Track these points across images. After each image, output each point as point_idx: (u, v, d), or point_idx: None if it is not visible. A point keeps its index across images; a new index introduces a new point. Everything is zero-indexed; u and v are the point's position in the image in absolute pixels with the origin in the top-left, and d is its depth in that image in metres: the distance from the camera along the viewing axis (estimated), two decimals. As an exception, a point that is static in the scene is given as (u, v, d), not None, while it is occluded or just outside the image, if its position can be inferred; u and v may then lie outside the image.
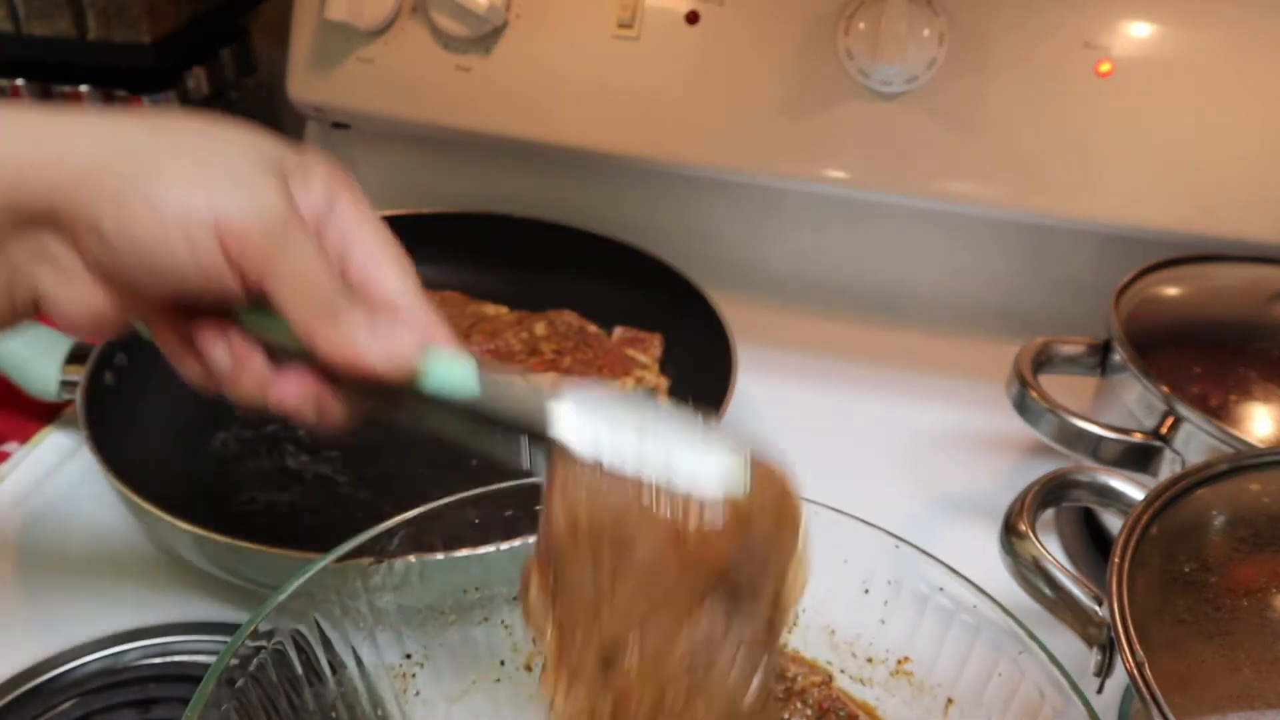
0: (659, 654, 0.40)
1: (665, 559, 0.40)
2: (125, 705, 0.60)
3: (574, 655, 0.42)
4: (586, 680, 0.41)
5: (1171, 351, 0.68)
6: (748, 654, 0.41)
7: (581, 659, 0.41)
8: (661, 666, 0.40)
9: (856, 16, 0.81)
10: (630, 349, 0.84)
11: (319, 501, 0.72)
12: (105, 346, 0.76)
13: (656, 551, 0.40)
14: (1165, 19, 0.79)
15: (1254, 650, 0.47)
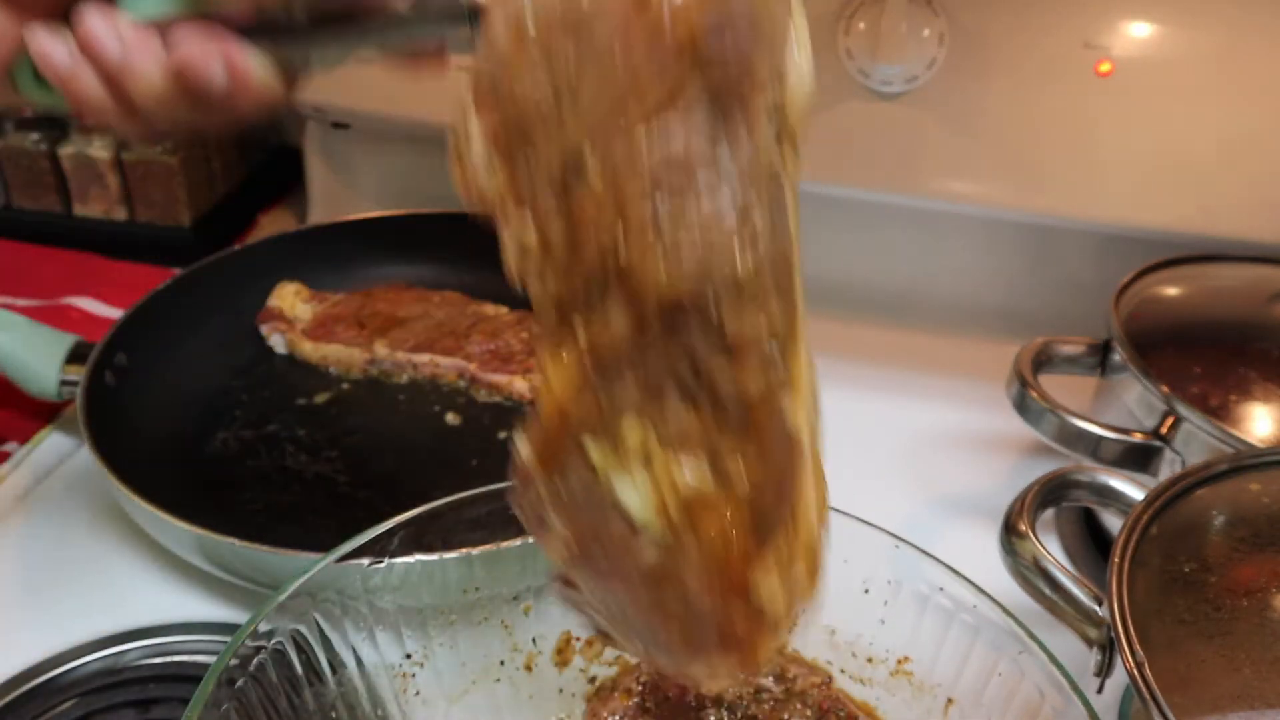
0: (626, 162, 0.33)
1: (627, 35, 0.33)
2: (125, 705, 0.60)
3: (526, 178, 0.36)
4: (541, 207, 0.35)
5: (1171, 351, 0.68)
6: (739, 186, 0.33)
7: (536, 180, 0.35)
8: (629, 179, 0.33)
9: (856, 16, 0.80)
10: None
11: (319, 501, 0.72)
12: (105, 347, 0.76)
13: (616, 27, 0.33)
14: (1165, 19, 0.79)
15: (1254, 650, 0.47)
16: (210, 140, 1.03)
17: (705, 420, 0.35)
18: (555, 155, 0.34)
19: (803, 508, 0.39)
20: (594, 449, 0.35)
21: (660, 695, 0.55)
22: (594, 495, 0.35)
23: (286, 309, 0.87)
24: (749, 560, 0.36)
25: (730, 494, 0.36)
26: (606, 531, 0.36)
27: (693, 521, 0.35)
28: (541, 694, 0.56)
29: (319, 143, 1.02)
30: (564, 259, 0.35)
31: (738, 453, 0.36)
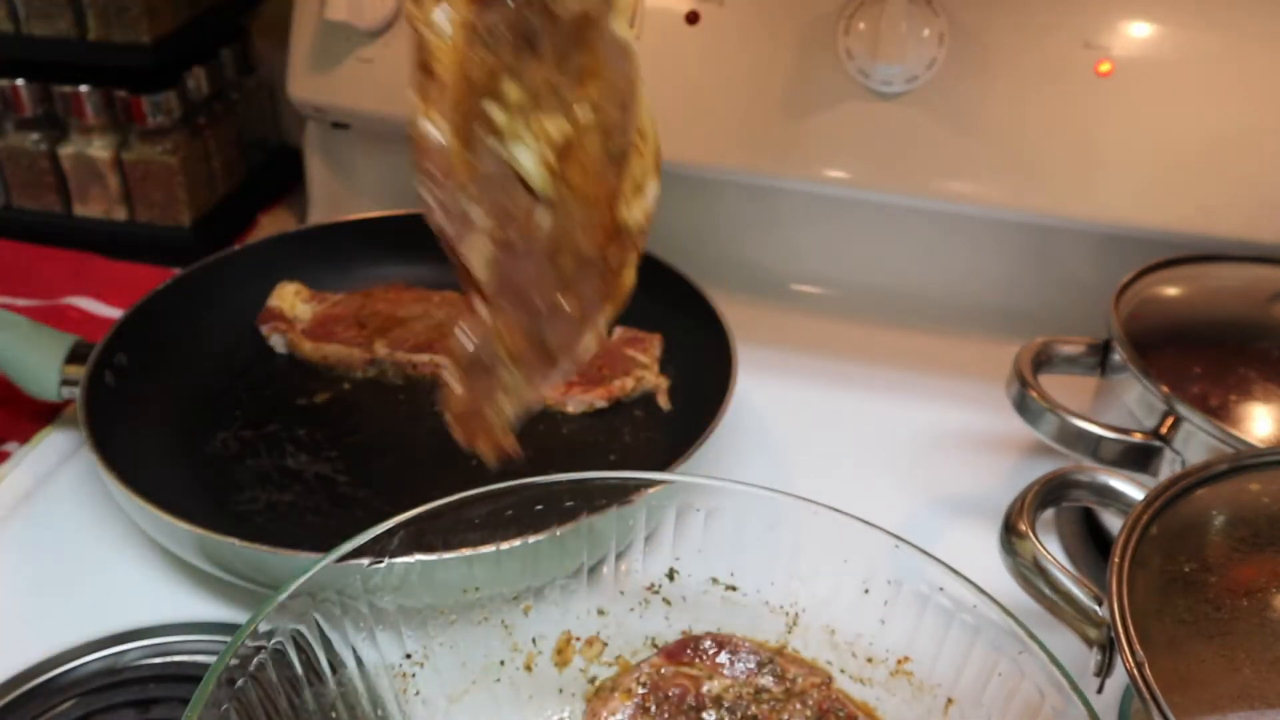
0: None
1: None
2: (125, 705, 0.60)
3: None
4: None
5: (1171, 351, 0.68)
6: None
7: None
8: None
9: (856, 16, 0.81)
10: (630, 349, 0.84)
11: (319, 501, 0.72)
12: (105, 347, 0.76)
13: None
14: (1165, 19, 0.79)
15: (1254, 650, 0.47)
16: (210, 140, 1.03)
17: (557, 61, 0.40)
18: None
19: (645, 115, 0.45)
20: (494, 111, 0.41)
21: (660, 695, 0.55)
22: (500, 168, 0.40)
23: (286, 309, 0.87)
24: (615, 199, 0.44)
25: (589, 130, 0.42)
26: (515, 207, 0.41)
27: (568, 170, 0.42)
28: (541, 694, 0.56)
29: (319, 143, 1.02)
30: None
31: (585, 85, 0.41)
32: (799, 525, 0.55)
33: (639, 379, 0.82)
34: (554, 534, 0.58)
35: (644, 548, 0.58)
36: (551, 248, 0.43)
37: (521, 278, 0.43)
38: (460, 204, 0.40)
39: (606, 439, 0.78)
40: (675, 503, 0.57)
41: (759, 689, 0.56)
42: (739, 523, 0.56)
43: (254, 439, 0.77)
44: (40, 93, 0.98)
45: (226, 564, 0.64)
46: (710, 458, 0.69)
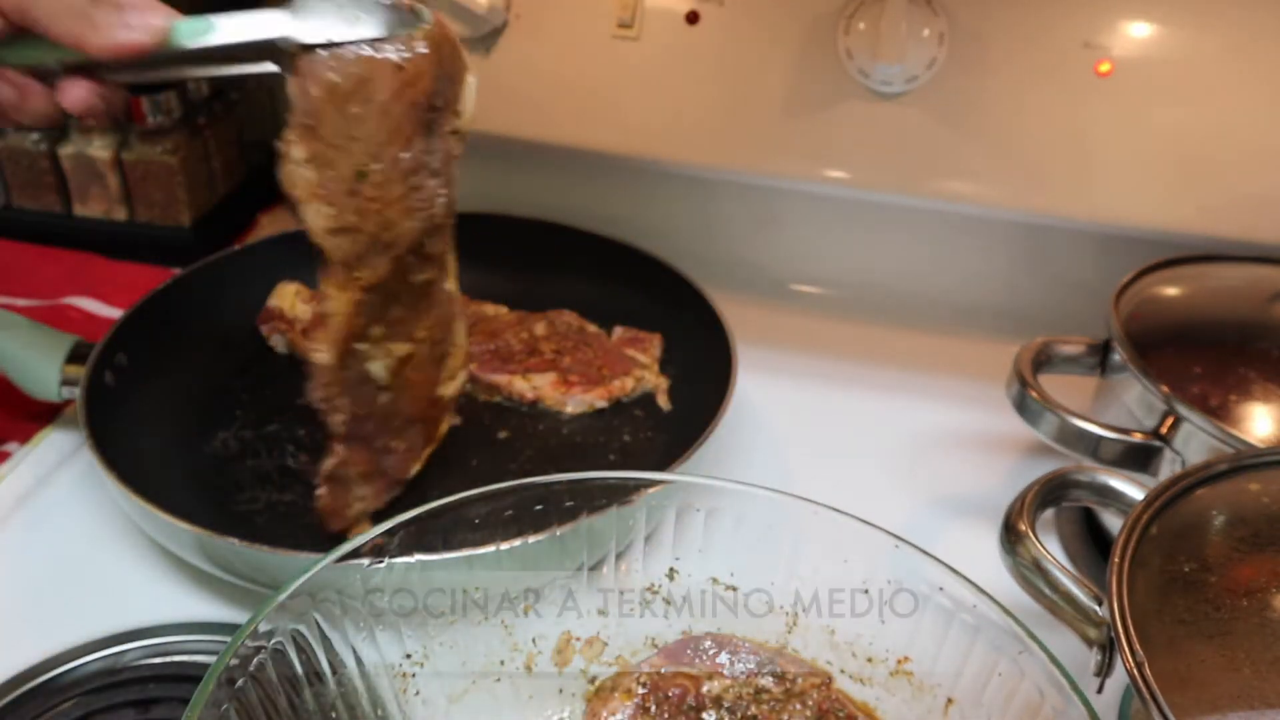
0: (392, 171, 0.58)
1: (396, 93, 0.57)
2: (125, 705, 0.60)
3: (330, 186, 0.58)
4: (340, 202, 0.58)
5: (1171, 351, 0.68)
6: (441, 171, 0.61)
7: (335, 188, 0.58)
8: (393, 183, 0.58)
9: (856, 16, 0.81)
10: (630, 349, 0.84)
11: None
12: (105, 347, 0.76)
13: (389, 89, 0.57)
14: (1165, 19, 0.79)
15: (1254, 650, 0.47)
16: (211, 140, 1.03)
17: (407, 309, 0.64)
18: (349, 168, 0.58)
19: (460, 333, 0.70)
20: (362, 345, 0.63)
21: (660, 695, 0.55)
22: (360, 374, 0.64)
23: (287, 309, 0.87)
24: (435, 384, 0.69)
25: (422, 345, 0.66)
26: (368, 393, 0.65)
27: (405, 370, 0.66)
28: (541, 694, 0.56)
29: (319, 143, 1.02)
30: (355, 232, 0.59)
31: (423, 320, 0.66)
32: (799, 525, 0.55)
33: (639, 379, 0.82)
34: (554, 534, 0.58)
35: (644, 548, 0.58)
36: (388, 414, 0.67)
37: (367, 431, 0.67)
38: (333, 397, 0.64)
39: (606, 439, 0.79)
40: (675, 503, 0.57)
41: (759, 689, 0.56)
42: (739, 523, 0.56)
43: (254, 439, 0.77)
44: (40, 93, 0.98)
45: (226, 564, 0.64)
46: (710, 458, 0.69)
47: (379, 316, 0.63)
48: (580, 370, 0.81)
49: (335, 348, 0.62)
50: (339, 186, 0.59)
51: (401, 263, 0.62)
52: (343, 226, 0.59)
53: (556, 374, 0.80)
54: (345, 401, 0.65)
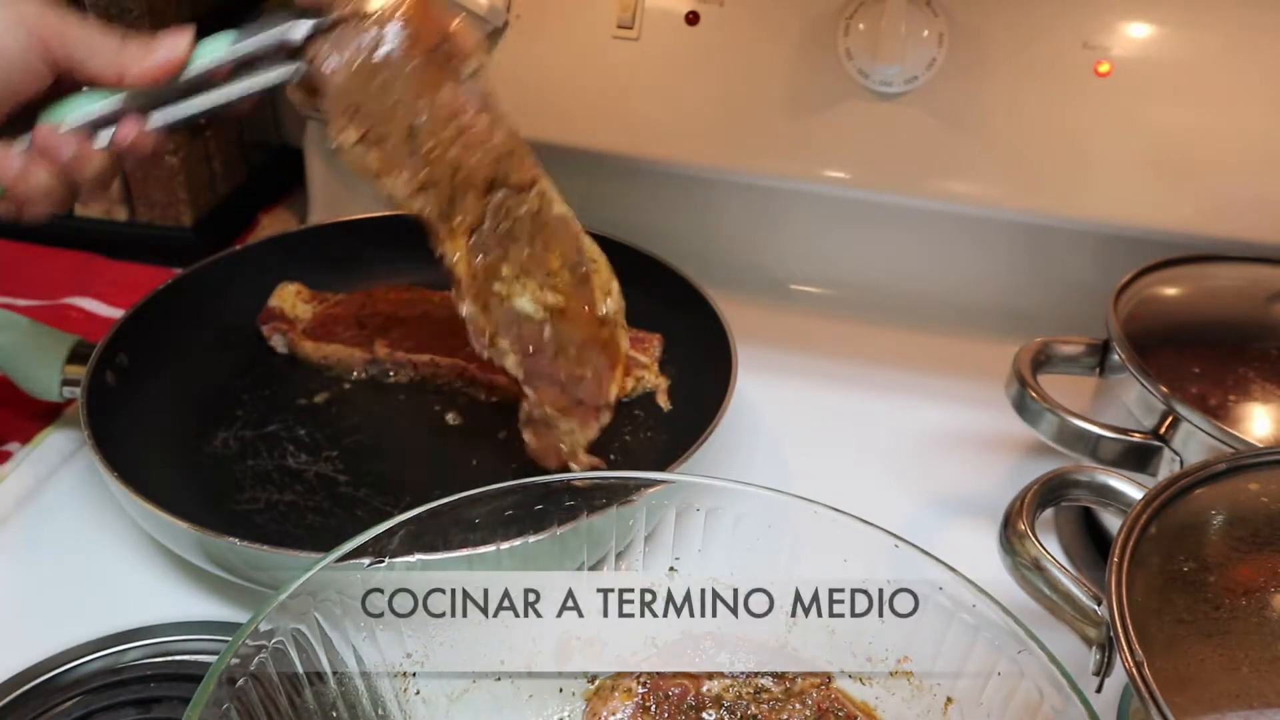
0: (438, 117, 0.63)
1: (407, 49, 0.62)
2: (126, 704, 0.61)
3: (392, 153, 0.63)
4: (407, 163, 0.64)
5: (1170, 351, 0.68)
6: (485, 107, 0.65)
7: (397, 153, 0.63)
8: (442, 128, 0.63)
9: (856, 17, 0.81)
10: (630, 349, 0.84)
11: (319, 501, 0.72)
12: (106, 347, 0.76)
13: (402, 47, 0.62)
14: (1164, 19, 0.79)
15: (1253, 649, 0.47)
16: (211, 140, 1.03)
17: (530, 244, 0.69)
18: (400, 130, 0.63)
19: (592, 249, 0.73)
20: (498, 285, 0.68)
21: (660, 695, 0.56)
22: (510, 314, 0.68)
23: (287, 309, 0.87)
24: (593, 303, 0.72)
25: (561, 274, 0.70)
26: (528, 331, 0.69)
27: (553, 301, 0.70)
28: (541, 694, 0.56)
29: (320, 143, 1.02)
30: (433, 185, 0.65)
31: (550, 249, 0.70)
32: (799, 525, 0.55)
33: (639, 379, 0.82)
34: (554, 534, 0.58)
35: (644, 548, 0.58)
36: (560, 344, 0.70)
37: (544, 367, 0.69)
38: (495, 343, 0.68)
39: (606, 439, 0.78)
40: (675, 503, 0.57)
41: (759, 689, 0.56)
42: (739, 522, 0.56)
43: (254, 439, 0.78)
44: (41, 93, 0.98)
45: (227, 564, 0.64)
46: (710, 458, 0.70)
47: (504, 256, 0.68)
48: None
49: (472, 296, 0.67)
50: (400, 150, 0.64)
51: (495, 200, 0.67)
52: (420, 185, 0.65)
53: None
54: (508, 343, 0.68)
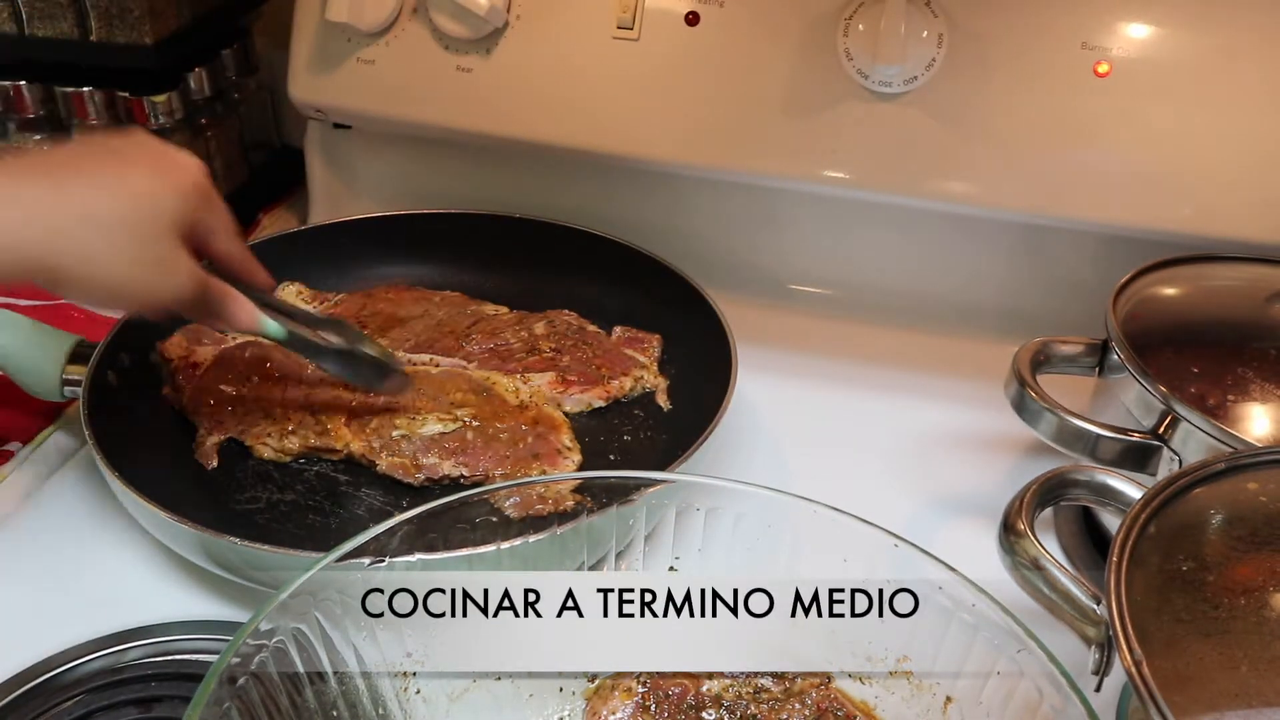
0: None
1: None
2: (127, 703, 0.61)
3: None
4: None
5: (1169, 351, 0.68)
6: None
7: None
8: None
9: (856, 17, 0.81)
10: (629, 349, 0.84)
11: (319, 501, 0.73)
12: (107, 346, 0.76)
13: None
14: (1163, 20, 0.79)
15: (1252, 649, 0.47)
16: (212, 141, 1.03)
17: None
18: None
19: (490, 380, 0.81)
20: (398, 433, 0.75)
21: (660, 694, 0.56)
22: (422, 439, 0.75)
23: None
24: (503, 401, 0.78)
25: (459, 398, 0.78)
26: (448, 443, 0.75)
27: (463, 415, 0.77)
28: (541, 693, 0.57)
29: (320, 143, 1.02)
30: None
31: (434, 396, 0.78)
32: (799, 525, 0.55)
33: (637, 379, 0.82)
34: (554, 534, 0.58)
35: (644, 547, 0.58)
36: (485, 437, 0.75)
37: (482, 459, 0.74)
38: (420, 465, 0.73)
39: (606, 439, 0.79)
40: (675, 502, 0.57)
41: (759, 689, 0.56)
42: (739, 522, 0.56)
43: (255, 439, 0.78)
44: (43, 94, 0.98)
45: (228, 563, 0.64)
46: (710, 458, 0.70)
47: (392, 414, 0.76)
48: (579, 370, 0.81)
49: (380, 456, 0.74)
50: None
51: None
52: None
53: (555, 373, 0.81)
54: (435, 458, 0.74)
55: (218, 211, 0.63)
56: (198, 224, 0.61)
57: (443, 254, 0.93)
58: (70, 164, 0.57)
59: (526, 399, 0.79)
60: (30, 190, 0.54)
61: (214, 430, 0.76)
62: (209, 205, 0.62)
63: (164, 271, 0.58)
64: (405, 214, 0.94)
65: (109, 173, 0.57)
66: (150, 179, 0.58)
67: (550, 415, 0.77)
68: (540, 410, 0.78)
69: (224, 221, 0.64)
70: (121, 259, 0.56)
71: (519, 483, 0.64)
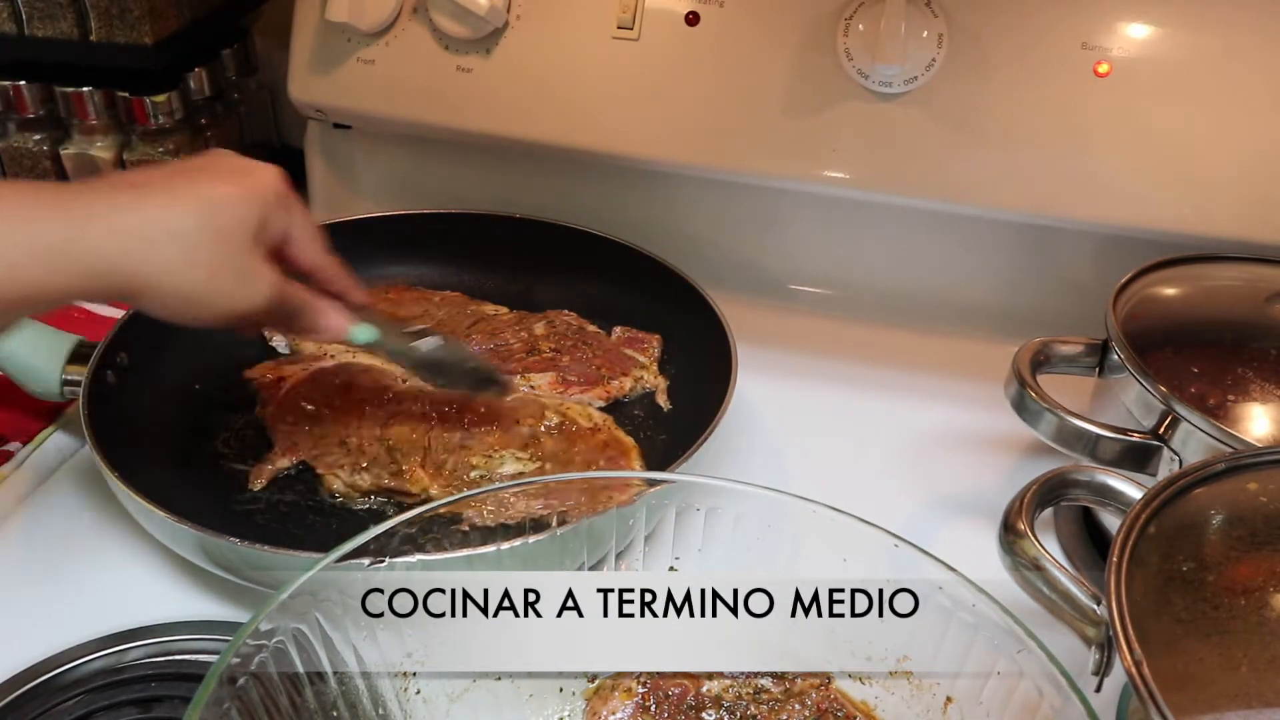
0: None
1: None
2: (127, 703, 0.61)
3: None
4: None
5: (1169, 351, 0.68)
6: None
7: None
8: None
9: (856, 18, 0.81)
10: (629, 349, 0.84)
11: (319, 501, 0.73)
12: (107, 346, 0.76)
13: None
14: (1163, 20, 0.79)
15: (1252, 649, 0.47)
16: (212, 141, 1.03)
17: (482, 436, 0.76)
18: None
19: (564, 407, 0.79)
20: (475, 473, 0.73)
21: (660, 694, 0.56)
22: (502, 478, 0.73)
23: (287, 309, 0.87)
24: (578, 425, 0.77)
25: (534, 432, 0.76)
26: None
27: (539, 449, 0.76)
28: (541, 693, 0.57)
29: (320, 143, 1.02)
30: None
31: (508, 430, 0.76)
32: (798, 525, 0.55)
33: (637, 379, 0.82)
34: (554, 534, 0.58)
35: (644, 547, 0.58)
36: (562, 464, 0.74)
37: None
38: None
39: (607, 439, 0.79)
40: (675, 503, 0.57)
41: (759, 689, 0.56)
42: (739, 522, 0.56)
43: (255, 439, 0.77)
44: (43, 93, 0.98)
45: (228, 563, 0.64)
46: (710, 458, 0.70)
47: (469, 452, 0.75)
48: (578, 370, 0.81)
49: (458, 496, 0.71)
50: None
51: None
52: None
53: (555, 373, 0.81)
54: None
55: (300, 219, 0.62)
56: (279, 232, 0.60)
57: (443, 254, 0.93)
58: (153, 183, 0.56)
59: (599, 421, 0.76)
60: (121, 217, 0.54)
61: (287, 451, 0.74)
62: (290, 212, 0.61)
63: (243, 280, 0.58)
64: (405, 214, 0.94)
65: (187, 186, 0.56)
66: (227, 188, 0.57)
67: (620, 440, 0.75)
68: (611, 433, 0.76)
69: (308, 230, 0.63)
70: (200, 268, 0.56)
71: (520, 483, 0.64)
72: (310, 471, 0.74)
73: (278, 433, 0.75)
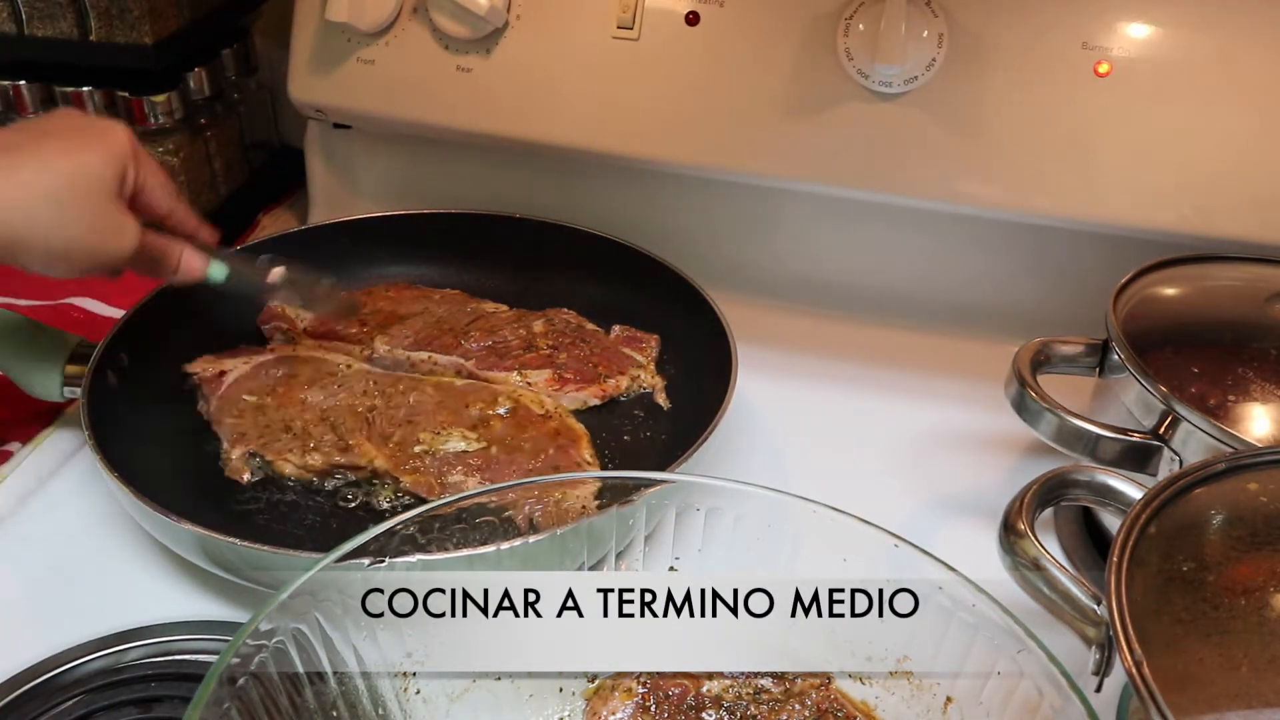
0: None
1: None
2: (127, 704, 0.61)
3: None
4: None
5: (1170, 351, 0.68)
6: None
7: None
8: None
9: (856, 17, 0.81)
10: (627, 347, 0.84)
11: (319, 501, 0.73)
12: (107, 346, 0.76)
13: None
14: (1164, 20, 0.79)
15: (1252, 649, 0.47)
16: (212, 141, 1.03)
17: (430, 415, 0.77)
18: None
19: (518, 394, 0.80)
20: (420, 448, 0.74)
21: (660, 695, 0.56)
22: (446, 456, 0.74)
23: (288, 309, 0.87)
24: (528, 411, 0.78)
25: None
26: (472, 459, 0.74)
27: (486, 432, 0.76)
28: (541, 693, 0.57)
29: (320, 143, 1.02)
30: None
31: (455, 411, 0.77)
32: (798, 525, 0.55)
33: (634, 378, 0.82)
34: (554, 534, 0.58)
35: (644, 547, 0.58)
36: (508, 449, 0.75)
37: (506, 471, 0.73)
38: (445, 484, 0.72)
39: (606, 438, 0.79)
40: (675, 503, 0.57)
41: (759, 689, 0.56)
42: (739, 522, 0.56)
43: (255, 439, 0.78)
44: (42, 93, 0.98)
45: (228, 564, 0.64)
46: (710, 458, 0.70)
47: (414, 428, 0.76)
48: (575, 367, 0.81)
49: (403, 471, 0.73)
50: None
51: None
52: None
53: (551, 370, 0.81)
54: (461, 475, 0.73)
55: (152, 169, 0.68)
56: (135, 184, 0.66)
57: (443, 253, 0.93)
58: (21, 149, 0.61)
59: (551, 409, 0.78)
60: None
61: (236, 443, 0.75)
62: (141, 165, 0.67)
63: (112, 233, 0.64)
64: (405, 214, 0.94)
65: (50, 152, 0.62)
66: (91, 152, 0.63)
67: (571, 427, 0.76)
68: (562, 421, 0.77)
69: (159, 179, 0.68)
70: (73, 226, 0.62)
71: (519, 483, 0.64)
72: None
73: (224, 425, 0.76)
